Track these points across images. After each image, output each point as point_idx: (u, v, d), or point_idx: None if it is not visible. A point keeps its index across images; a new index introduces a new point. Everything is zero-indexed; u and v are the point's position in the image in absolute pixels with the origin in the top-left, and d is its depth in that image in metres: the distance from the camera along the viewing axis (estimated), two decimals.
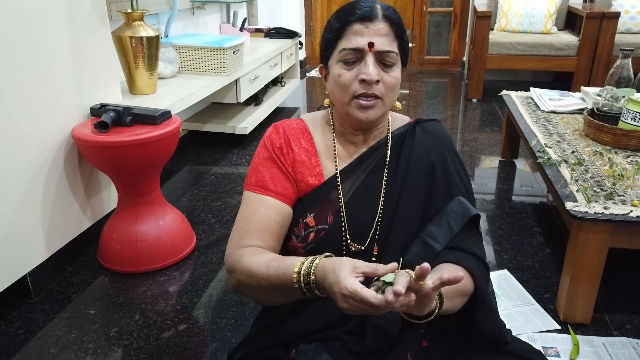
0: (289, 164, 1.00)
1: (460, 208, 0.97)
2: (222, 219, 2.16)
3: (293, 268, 0.81)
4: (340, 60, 0.93)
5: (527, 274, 1.77)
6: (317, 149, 1.03)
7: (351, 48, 0.91)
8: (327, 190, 1.00)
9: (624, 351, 1.40)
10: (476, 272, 0.90)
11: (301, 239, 0.99)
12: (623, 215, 1.36)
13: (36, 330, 1.50)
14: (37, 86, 1.57)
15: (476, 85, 3.91)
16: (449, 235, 0.95)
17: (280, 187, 0.99)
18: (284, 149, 1.01)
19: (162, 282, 1.74)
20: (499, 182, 2.54)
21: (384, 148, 1.02)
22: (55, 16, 1.62)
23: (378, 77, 0.91)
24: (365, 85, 0.91)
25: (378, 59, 0.91)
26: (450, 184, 0.99)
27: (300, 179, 1.01)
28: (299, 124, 1.05)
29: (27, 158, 1.57)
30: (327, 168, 1.02)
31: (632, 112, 1.75)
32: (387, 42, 0.91)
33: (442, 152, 1.01)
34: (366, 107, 0.93)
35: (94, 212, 1.89)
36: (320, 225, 0.98)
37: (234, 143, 3.02)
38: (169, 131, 1.68)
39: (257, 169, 1.01)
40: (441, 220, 0.96)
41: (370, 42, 0.90)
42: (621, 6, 3.86)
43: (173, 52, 2.49)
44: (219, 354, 1.41)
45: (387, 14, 0.92)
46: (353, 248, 0.98)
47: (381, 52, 0.91)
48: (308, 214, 0.99)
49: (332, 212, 0.99)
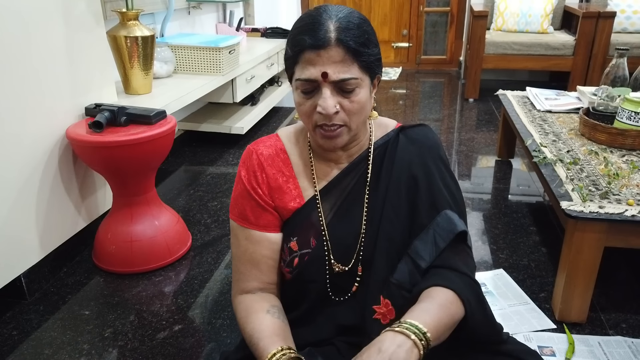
0: (265, 192, 0.97)
1: (447, 223, 0.91)
2: (218, 219, 2.15)
3: (265, 355, 0.85)
4: (298, 88, 0.88)
5: (522, 273, 1.77)
6: (294, 170, 0.99)
7: (304, 79, 0.85)
8: (307, 213, 0.97)
9: (619, 350, 1.40)
10: (466, 295, 0.85)
11: (287, 263, 0.98)
12: (618, 214, 1.36)
13: (30, 331, 1.50)
14: (31, 86, 1.57)
15: (473, 85, 3.91)
16: (434, 252, 0.90)
17: (262, 219, 0.98)
18: (258, 177, 0.97)
19: (157, 282, 1.73)
20: (495, 182, 2.54)
21: (365, 162, 0.97)
22: (50, 15, 1.61)
23: (336, 108, 0.85)
24: (324, 116, 0.86)
25: (336, 87, 0.85)
26: (435, 196, 0.93)
27: (280, 205, 0.98)
28: (275, 145, 1.01)
29: (21, 158, 1.57)
30: (306, 189, 0.98)
31: (627, 111, 1.75)
32: (342, 69, 0.83)
33: (426, 162, 0.95)
34: (330, 137, 0.89)
35: (88, 212, 1.88)
36: (303, 250, 0.96)
37: (230, 143, 3.01)
38: (164, 131, 1.67)
39: (237, 201, 0.99)
40: (427, 236, 0.91)
41: (324, 72, 0.83)
42: (617, 6, 3.87)
43: (169, 52, 2.48)
44: (215, 355, 1.41)
45: (340, 37, 0.83)
46: (337, 269, 0.95)
47: (337, 81, 0.84)
48: (291, 238, 0.97)
49: (314, 235, 0.96)
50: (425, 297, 0.85)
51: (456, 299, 0.85)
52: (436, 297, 0.84)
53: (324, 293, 0.96)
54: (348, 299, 0.96)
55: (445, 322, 0.81)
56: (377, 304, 0.91)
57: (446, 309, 0.82)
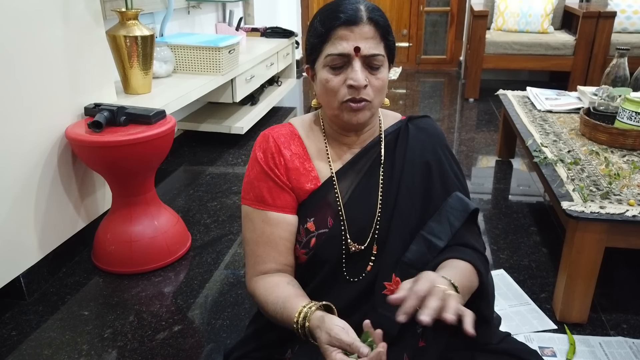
0: (283, 173, 0.99)
1: (459, 203, 0.97)
2: (218, 219, 2.15)
3: (294, 312, 0.87)
4: (326, 65, 0.91)
5: (523, 273, 1.77)
6: (309, 153, 1.02)
7: (337, 54, 0.89)
8: (324, 194, 0.99)
9: (620, 351, 1.40)
10: (481, 268, 0.91)
11: (303, 244, 0.99)
12: (619, 214, 1.36)
13: (29, 332, 1.49)
14: (30, 86, 1.56)
15: (473, 85, 3.91)
16: (450, 231, 0.95)
17: (279, 199, 0.99)
18: (275, 158, 1.00)
19: (156, 283, 1.73)
20: (495, 182, 2.54)
21: (377, 147, 1.02)
22: (49, 15, 1.61)
23: (366, 82, 0.90)
24: (353, 90, 0.90)
25: (365, 63, 0.90)
26: (447, 181, 0.99)
27: (297, 186, 1.00)
28: (289, 129, 1.04)
29: (21, 158, 1.56)
30: (322, 171, 1.01)
31: (628, 111, 1.75)
32: (373, 45, 0.90)
33: (436, 150, 1.01)
34: (356, 110, 0.92)
35: (88, 212, 1.88)
36: (320, 230, 0.98)
37: (229, 143, 3.01)
38: (164, 131, 1.67)
39: (253, 184, 1.00)
40: (441, 217, 0.96)
41: (357, 47, 0.88)
42: (617, 6, 3.87)
43: (168, 52, 2.48)
44: (214, 355, 1.41)
45: (372, 16, 0.90)
46: (353, 248, 0.98)
47: (368, 56, 0.90)
48: (308, 219, 0.99)
49: (331, 215, 0.99)
50: (445, 265, 0.90)
51: (473, 270, 0.90)
52: (457, 266, 0.89)
53: (339, 274, 0.99)
54: (362, 279, 0.98)
55: (465, 285, 0.86)
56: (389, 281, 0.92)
57: (466, 276, 0.88)
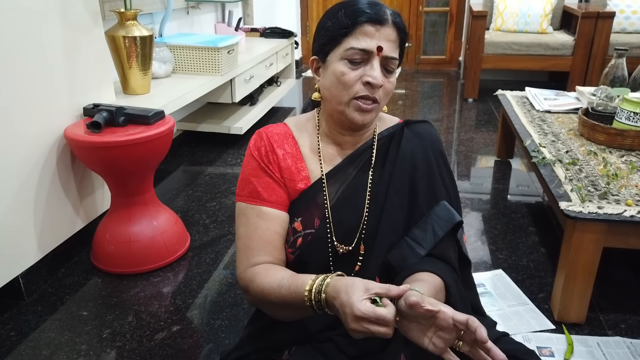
0: (276, 170, 1.00)
1: (445, 213, 0.97)
2: (217, 219, 2.15)
3: (304, 286, 0.83)
4: (345, 58, 0.91)
5: (521, 273, 1.77)
6: (302, 153, 1.02)
7: (360, 48, 0.89)
8: (314, 194, 1.00)
9: (618, 351, 1.40)
10: (454, 290, 0.91)
11: (290, 243, 1.00)
12: (617, 214, 1.36)
13: (28, 332, 1.49)
14: (29, 86, 1.56)
15: (472, 85, 3.91)
16: (433, 240, 0.95)
17: (274, 195, 0.99)
18: (269, 155, 1.00)
19: (155, 283, 1.73)
20: (494, 182, 2.54)
21: (370, 150, 1.02)
22: (48, 16, 1.61)
23: (382, 82, 0.91)
24: (369, 88, 0.91)
25: (382, 64, 0.91)
26: (434, 186, 0.99)
27: (289, 186, 1.00)
28: (283, 129, 1.04)
29: (19, 158, 1.56)
30: (313, 171, 1.01)
31: (626, 111, 1.75)
32: (393, 48, 0.91)
33: (428, 154, 1.01)
34: (365, 111, 0.93)
35: (87, 212, 1.88)
36: (307, 230, 0.98)
37: (229, 143, 3.01)
38: (162, 131, 1.67)
39: (248, 180, 1.00)
40: (426, 225, 0.96)
41: (380, 46, 0.89)
42: (616, 6, 3.87)
43: (167, 52, 2.48)
44: (213, 356, 1.41)
45: (396, 20, 0.92)
46: (340, 249, 0.98)
47: (387, 57, 0.91)
48: (296, 218, 1.00)
49: (318, 215, 0.99)
50: (420, 278, 0.89)
51: (443, 288, 0.90)
52: (430, 280, 0.88)
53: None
54: None
55: (436, 298, 0.85)
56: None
57: (436, 293, 0.87)
